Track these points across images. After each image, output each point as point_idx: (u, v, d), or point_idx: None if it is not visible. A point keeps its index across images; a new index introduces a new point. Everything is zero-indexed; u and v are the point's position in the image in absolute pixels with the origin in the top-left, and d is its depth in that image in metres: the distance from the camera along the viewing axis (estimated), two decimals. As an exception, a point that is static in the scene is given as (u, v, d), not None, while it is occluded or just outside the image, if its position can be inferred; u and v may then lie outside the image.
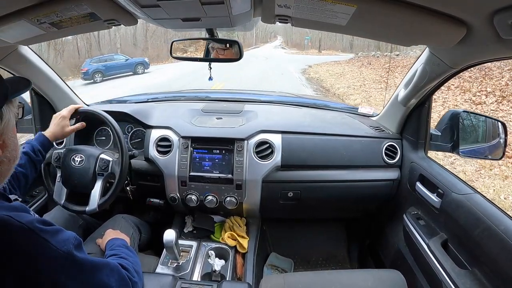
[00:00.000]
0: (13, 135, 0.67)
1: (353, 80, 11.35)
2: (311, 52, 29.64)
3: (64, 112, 1.22)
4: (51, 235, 0.61)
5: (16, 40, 1.02)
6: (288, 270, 1.71)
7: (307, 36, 30.11)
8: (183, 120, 1.47)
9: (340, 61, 18.42)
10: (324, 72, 13.89)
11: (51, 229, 0.62)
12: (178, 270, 1.20)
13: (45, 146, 1.16)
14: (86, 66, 13.20)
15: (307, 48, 31.64)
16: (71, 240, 0.64)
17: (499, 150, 1.16)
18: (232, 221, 1.47)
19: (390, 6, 0.68)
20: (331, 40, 31.71)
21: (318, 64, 17.07)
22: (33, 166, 1.11)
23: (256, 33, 33.79)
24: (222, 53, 1.15)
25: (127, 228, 1.26)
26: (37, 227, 0.59)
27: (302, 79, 12.09)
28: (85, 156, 1.24)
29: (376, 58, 16.17)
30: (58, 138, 1.22)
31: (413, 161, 1.32)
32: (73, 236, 0.65)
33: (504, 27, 0.61)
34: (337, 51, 29.41)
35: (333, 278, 1.00)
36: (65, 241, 0.62)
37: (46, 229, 0.61)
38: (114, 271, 0.73)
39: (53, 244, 0.60)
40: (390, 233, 1.49)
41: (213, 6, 0.77)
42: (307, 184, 1.40)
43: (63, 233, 0.64)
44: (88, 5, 0.78)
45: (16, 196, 0.77)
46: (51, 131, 1.19)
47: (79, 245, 0.66)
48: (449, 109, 1.26)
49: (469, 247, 0.96)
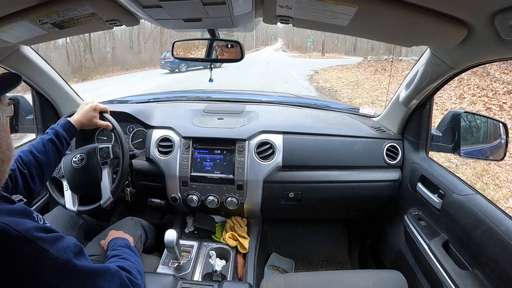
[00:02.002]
0: (5, 135, 0.65)
1: (374, 92, 9.23)
2: (313, 55, 28.31)
3: (96, 104, 1.20)
4: (50, 243, 0.59)
5: (18, 40, 1.02)
6: (289, 270, 1.71)
7: (310, 38, 28.98)
8: (185, 120, 1.47)
9: (347, 65, 16.54)
10: (335, 80, 11.87)
11: (51, 237, 0.60)
12: (179, 270, 1.21)
13: (71, 133, 1.12)
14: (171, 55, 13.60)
15: (309, 51, 30.26)
16: (71, 247, 0.63)
17: (500, 151, 1.16)
18: (233, 221, 1.47)
19: (391, 7, 0.68)
20: (333, 42, 30.50)
21: (325, 69, 15.50)
22: (57, 154, 1.06)
23: (256, 36, 33.26)
24: (223, 54, 1.15)
25: (135, 230, 1.25)
26: (35, 236, 0.57)
27: (311, 89, 10.43)
28: (84, 153, 1.23)
29: (390, 63, 14.03)
30: (85, 127, 1.19)
31: (414, 162, 1.32)
32: (73, 243, 0.64)
33: (505, 27, 0.61)
34: (340, 54, 28.27)
35: (334, 278, 1.00)
36: (64, 249, 0.61)
37: (45, 238, 0.59)
38: (115, 276, 0.72)
39: (52, 253, 0.58)
40: (391, 234, 1.49)
41: (214, 7, 0.77)
42: (308, 184, 1.40)
43: (63, 241, 0.62)
44: (90, 5, 0.78)
45: (20, 197, 0.74)
46: (79, 119, 1.15)
47: (79, 252, 0.65)
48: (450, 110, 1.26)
49: (470, 247, 0.96)
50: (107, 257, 0.91)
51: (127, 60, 17.91)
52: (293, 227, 1.91)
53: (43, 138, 1.06)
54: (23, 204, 0.66)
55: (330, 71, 14.89)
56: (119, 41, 20.73)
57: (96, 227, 1.45)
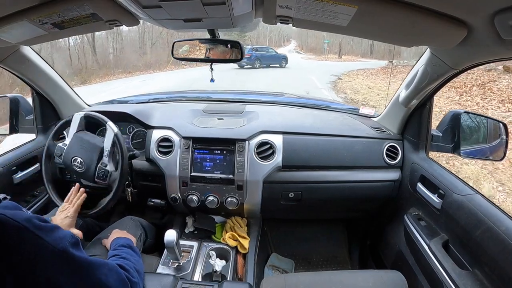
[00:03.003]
0: None
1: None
2: (329, 57, 25.77)
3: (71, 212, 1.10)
4: (47, 232, 0.60)
5: (18, 40, 1.03)
6: (289, 270, 1.71)
7: (326, 39, 26.70)
8: (184, 121, 1.47)
9: (370, 69, 14.32)
10: (366, 91, 9.51)
11: (47, 226, 0.62)
12: (179, 270, 1.21)
13: None
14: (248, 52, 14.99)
15: (326, 53, 27.84)
16: (68, 238, 0.63)
17: (500, 151, 1.16)
18: (233, 222, 1.47)
19: (391, 7, 0.68)
20: (349, 44, 28.39)
21: (347, 74, 13.24)
22: None
23: (269, 37, 32.84)
24: (223, 54, 1.15)
25: (135, 230, 1.25)
26: (31, 225, 0.59)
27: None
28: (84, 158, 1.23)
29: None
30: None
31: (414, 162, 1.32)
32: (69, 234, 0.65)
33: (505, 27, 0.62)
34: (356, 56, 26.38)
35: (334, 278, 1.00)
36: (61, 238, 0.62)
37: (41, 226, 0.60)
38: (112, 270, 0.72)
39: (48, 241, 0.60)
40: (391, 234, 1.49)
41: (214, 7, 0.77)
42: (308, 184, 1.40)
43: (59, 231, 0.64)
44: (90, 5, 0.78)
45: (4, 195, 0.76)
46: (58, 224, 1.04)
47: (76, 243, 0.65)
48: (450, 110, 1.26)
49: (470, 248, 0.96)
50: (108, 257, 0.91)
51: (130, 62, 17.16)
52: (293, 227, 1.91)
53: None
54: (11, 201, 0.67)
55: (354, 76, 12.73)
56: (126, 41, 19.63)
57: (96, 227, 1.45)
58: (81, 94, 1.68)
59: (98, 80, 14.78)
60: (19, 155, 1.38)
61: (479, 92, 7.11)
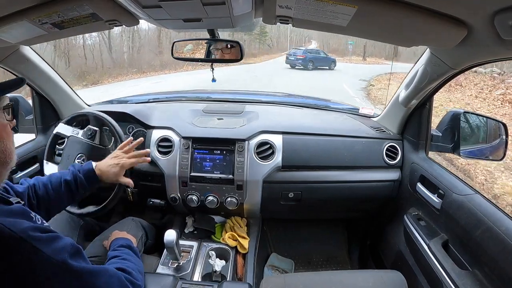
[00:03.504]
0: (5, 137, 0.66)
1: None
2: (353, 59, 24.70)
3: (124, 163, 1.10)
4: (45, 243, 0.59)
5: (18, 40, 1.02)
6: (288, 270, 1.71)
7: (351, 41, 24.99)
8: (184, 121, 1.47)
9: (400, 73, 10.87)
10: None
11: (46, 237, 0.60)
12: (179, 270, 1.20)
13: (91, 182, 1.04)
14: (303, 53, 16.24)
15: (350, 55, 26.57)
16: (67, 248, 0.63)
17: (500, 151, 1.16)
18: (232, 222, 1.47)
19: (391, 7, 0.68)
20: (371, 46, 26.86)
21: (378, 79, 12.14)
22: (70, 197, 1.02)
23: (290, 37, 32.49)
24: (223, 54, 1.15)
25: (136, 231, 1.25)
26: (30, 236, 0.58)
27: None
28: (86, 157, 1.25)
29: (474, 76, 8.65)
30: (107, 181, 1.07)
31: (414, 162, 1.32)
32: (69, 243, 0.64)
33: (504, 27, 0.62)
34: (380, 58, 25.15)
35: (334, 278, 1.00)
36: (60, 249, 0.61)
37: (39, 237, 0.59)
38: (113, 277, 0.72)
39: (46, 253, 0.59)
40: (390, 234, 1.49)
41: (214, 7, 0.77)
42: (308, 184, 1.40)
43: (59, 241, 0.62)
44: (90, 5, 0.78)
45: (18, 199, 0.75)
46: (103, 171, 1.06)
47: (76, 253, 0.64)
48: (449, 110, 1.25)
49: (470, 248, 0.96)
50: (107, 258, 0.91)
51: (145, 62, 16.15)
52: (293, 227, 1.91)
53: (63, 175, 1.01)
54: (22, 206, 0.66)
55: (385, 82, 11.17)
56: (144, 40, 18.36)
57: (96, 227, 1.45)
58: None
59: (110, 80, 13.32)
60: (19, 155, 1.38)
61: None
